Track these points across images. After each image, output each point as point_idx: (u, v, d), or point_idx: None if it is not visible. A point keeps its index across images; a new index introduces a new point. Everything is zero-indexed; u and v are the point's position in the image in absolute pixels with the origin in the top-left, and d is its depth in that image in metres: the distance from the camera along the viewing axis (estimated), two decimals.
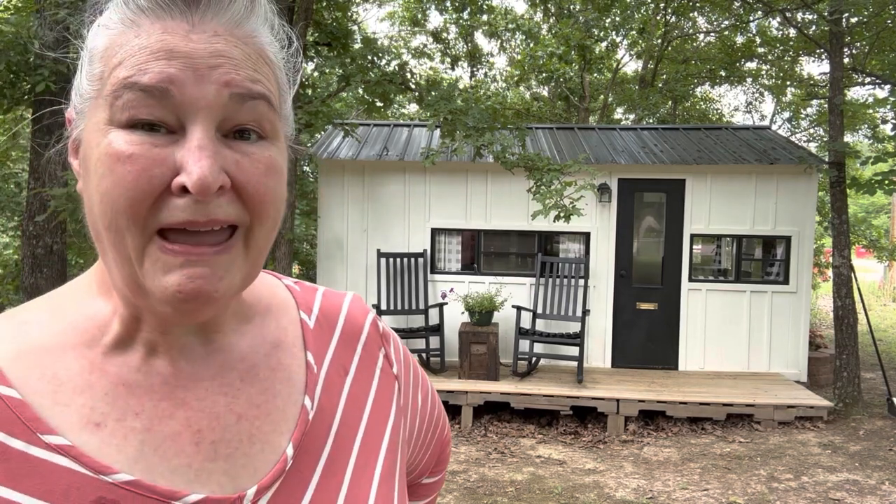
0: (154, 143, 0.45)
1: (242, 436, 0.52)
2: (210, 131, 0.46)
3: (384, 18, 17.04)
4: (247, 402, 0.53)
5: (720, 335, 7.15)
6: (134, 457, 0.47)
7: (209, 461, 0.50)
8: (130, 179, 0.44)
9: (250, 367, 0.55)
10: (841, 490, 4.65)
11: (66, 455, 0.45)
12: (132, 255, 0.46)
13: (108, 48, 0.47)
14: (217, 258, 0.46)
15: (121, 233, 0.45)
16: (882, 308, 15.27)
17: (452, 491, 4.61)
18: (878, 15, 7.32)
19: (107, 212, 0.45)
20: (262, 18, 0.51)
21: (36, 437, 0.45)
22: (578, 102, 14.60)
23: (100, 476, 0.45)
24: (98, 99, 0.47)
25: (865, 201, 25.28)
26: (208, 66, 0.46)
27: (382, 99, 6.94)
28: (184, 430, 0.50)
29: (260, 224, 0.49)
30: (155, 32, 0.46)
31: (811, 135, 15.34)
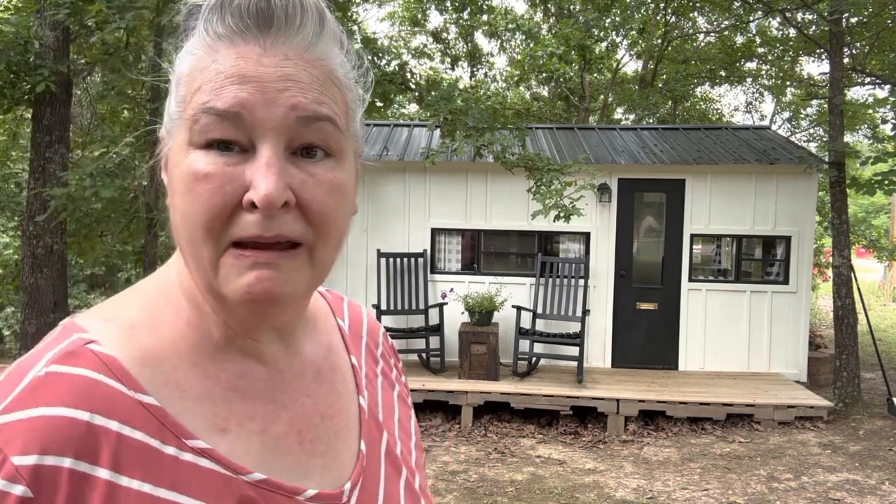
0: (227, 161, 0.48)
1: (329, 434, 0.57)
2: (278, 150, 0.49)
3: (384, 18, 17.04)
4: (324, 403, 0.59)
5: (720, 335, 7.15)
6: (258, 457, 0.51)
7: (311, 458, 0.55)
8: (206, 197, 0.47)
9: (317, 369, 0.60)
10: (841, 490, 4.65)
11: (209, 458, 0.49)
12: (208, 265, 0.49)
13: (190, 73, 0.50)
14: (283, 262, 0.49)
15: (198, 245, 0.49)
16: (882, 308, 15.27)
17: (452, 491, 4.61)
18: (878, 15, 7.33)
19: (186, 226, 0.49)
20: (333, 40, 0.54)
21: (183, 443, 0.48)
22: (578, 102, 14.60)
23: (239, 476, 0.49)
24: (181, 120, 0.50)
25: (865, 201, 25.27)
26: (277, 89, 0.48)
27: (382, 99, 6.94)
28: (289, 430, 0.55)
29: (324, 242, 0.51)
30: (230, 58, 0.48)
31: (811, 135, 15.34)
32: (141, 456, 0.46)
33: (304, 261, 0.51)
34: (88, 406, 0.45)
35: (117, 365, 0.48)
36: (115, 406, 0.46)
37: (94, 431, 0.45)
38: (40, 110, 6.25)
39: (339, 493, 0.55)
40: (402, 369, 0.75)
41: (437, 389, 6.12)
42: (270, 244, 0.49)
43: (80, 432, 0.44)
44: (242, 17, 0.49)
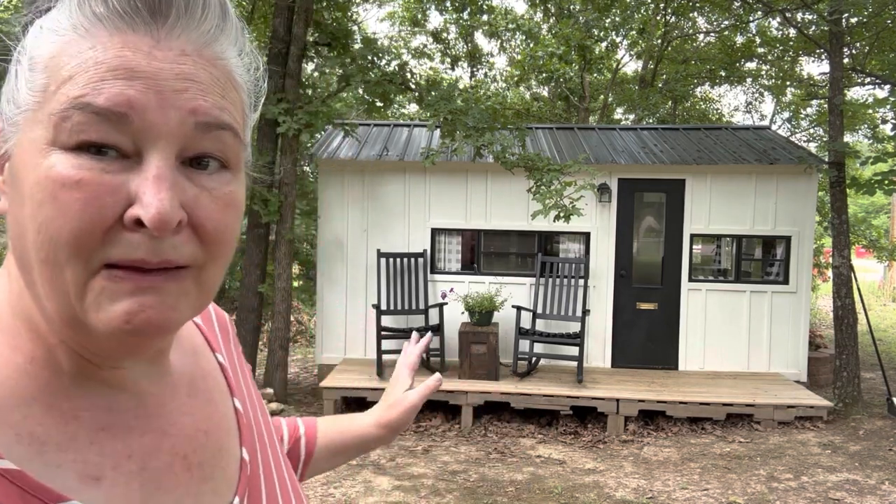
0: (105, 168, 0.40)
1: (214, 451, 0.52)
2: (170, 160, 0.42)
3: (384, 18, 17.04)
4: (203, 416, 0.53)
5: (720, 335, 7.16)
6: (141, 501, 0.45)
7: (201, 483, 0.50)
8: (77, 208, 0.39)
9: (189, 380, 0.54)
10: (841, 490, 4.65)
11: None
12: (71, 290, 0.41)
13: (54, 57, 0.41)
14: (168, 286, 0.42)
15: (59, 266, 0.40)
16: (882, 308, 15.27)
17: (452, 491, 4.61)
18: (877, 15, 7.33)
19: (45, 243, 0.40)
20: (233, 38, 0.46)
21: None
22: (578, 102, 14.60)
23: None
24: (39, 113, 0.41)
25: (865, 201, 25.27)
26: (173, 89, 0.41)
27: (382, 99, 6.94)
28: (173, 459, 0.49)
29: (214, 263, 0.45)
30: (113, 46, 0.40)
31: (811, 135, 15.35)
32: None
33: (191, 284, 0.44)
34: None
35: None
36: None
37: None
38: None
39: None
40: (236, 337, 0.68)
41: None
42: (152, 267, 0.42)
43: None
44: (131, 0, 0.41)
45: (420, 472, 4.96)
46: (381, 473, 4.93)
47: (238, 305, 7.18)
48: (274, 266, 7.00)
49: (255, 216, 6.82)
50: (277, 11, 6.94)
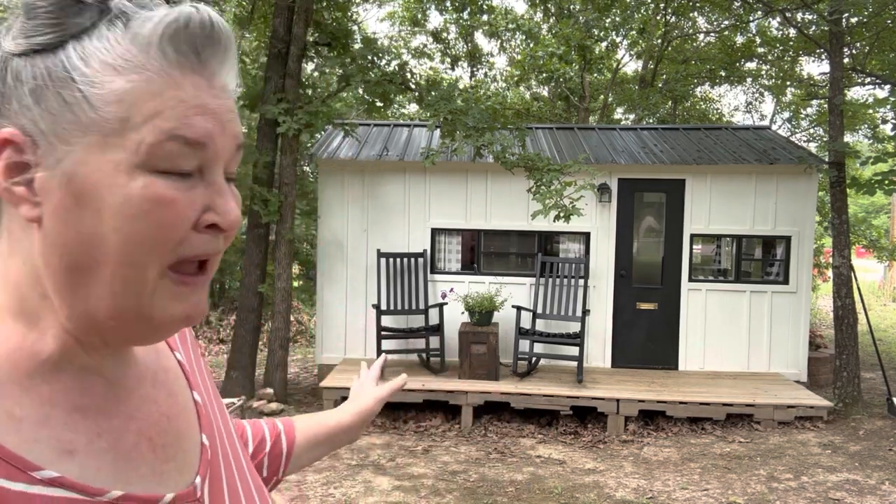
0: (187, 186, 0.49)
1: (176, 435, 0.58)
2: (222, 175, 0.52)
3: (384, 18, 17.04)
4: (166, 405, 0.59)
5: (720, 335, 7.16)
6: (112, 474, 0.51)
7: (164, 463, 0.56)
8: (171, 223, 0.48)
9: (152, 373, 0.60)
10: (841, 490, 4.65)
11: (60, 486, 0.47)
12: (147, 289, 0.49)
13: (131, 92, 0.47)
14: (205, 284, 0.52)
15: (142, 269, 0.48)
16: (882, 308, 15.27)
17: (452, 491, 4.61)
18: (878, 15, 7.33)
19: (131, 252, 0.47)
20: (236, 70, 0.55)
21: (29, 476, 0.46)
22: (578, 102, 14.60)
23: (95, 498, 0.48)
24: (116, 139, 0.47)
25: (865, 201, 25.27)
26: (228, 120, 0.51)
27: (382, 99, 6.94)
28: (139, 440, 0.54)
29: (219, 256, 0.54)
30: (187, 86, 0.48)
31: (811, 135, 15.34)
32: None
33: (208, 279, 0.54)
34: None
35: None
36: None
37: None
38: None
39: (192, 490, 0.56)
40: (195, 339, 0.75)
41: (437, 389, 6.13)
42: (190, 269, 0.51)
43: None
44: (196, 46, 0.49)
45: (420, 472, 4.96)
46: (381, 473, 4.93)
47: (238, 305, 7.18)
48: (274, 266, 7.00)
49: (255, 216, 6.82)
50: (277, 11, 6.94)
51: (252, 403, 6.45)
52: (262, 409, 6.33)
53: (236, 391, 6.54)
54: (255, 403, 6.45)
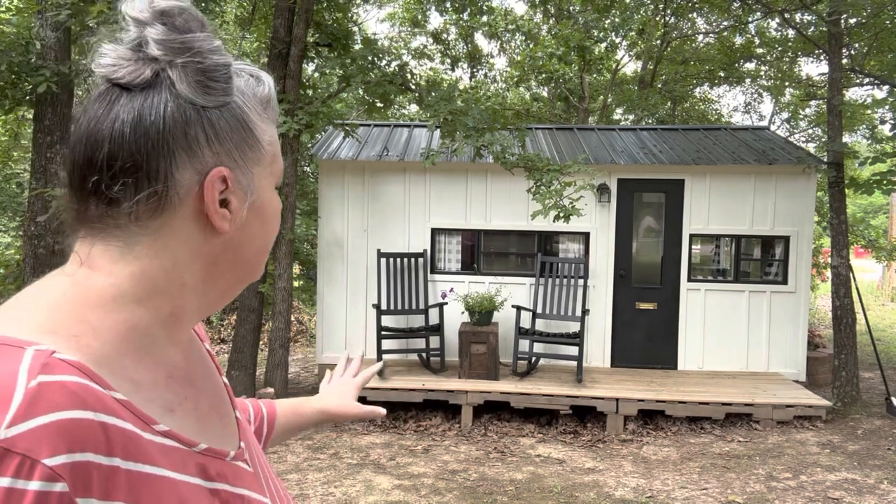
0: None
1: (223, 407, 0.70)
2: None
3: (384, 19, 17.06)
4: (211, 382, 0.71)
5: (719, 335, 7.17)
6: (197, 430, 0.62)
7: (225, 427, 0.68)
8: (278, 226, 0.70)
9: (197, 356, 0.71)
10: (839, 489, 4.67)
11: (170, 437, 0.58)
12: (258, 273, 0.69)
13: (273, 141, 0.69)
14: None
15: (265, 258, 0.69)
16: (880, 308, 15.29)
17: (452, 490, 4.63)
18: (876, 16, 7.35)
19: (268, 242, 0.69)
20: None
21: (152, 428, 0.56)
22: (578, 103, 14.62)
23: (191, 448, 0.60)
24: (267, 169, 0.67)
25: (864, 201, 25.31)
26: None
27: (383, 99, 6.96)
28: (210, 407, 0.67)
29: None
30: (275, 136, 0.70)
31: (810, 135, 15.37)
32: (132, 443, 0.53)
33: None
34: (89, 406, 0.50)
35: (86, 368, 0.53)
36: (105, 403, 0.52)
37: (102, 427, 0.50)
38: (41, 111, 6.28)
39: (242, 451, 0.68)
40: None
41: (437, 389, 6.14)
42: None
43: (93, 430, 0.50)
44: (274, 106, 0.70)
45: (420, 472, 4.98)
46: (381, 473, 4.95)
47: (238, 305, 7.20)
48: (274, 266, 7.01)
49: None
50: (278, 12, 6.96)
51: None
52: None
53: (237, 390, 6.55)
54: None
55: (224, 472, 0.62)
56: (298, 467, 5.03)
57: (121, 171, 0.58)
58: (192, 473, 0.58)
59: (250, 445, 0.72)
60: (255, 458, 0.72)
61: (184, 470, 0.57)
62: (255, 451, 0.73)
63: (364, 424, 6.14)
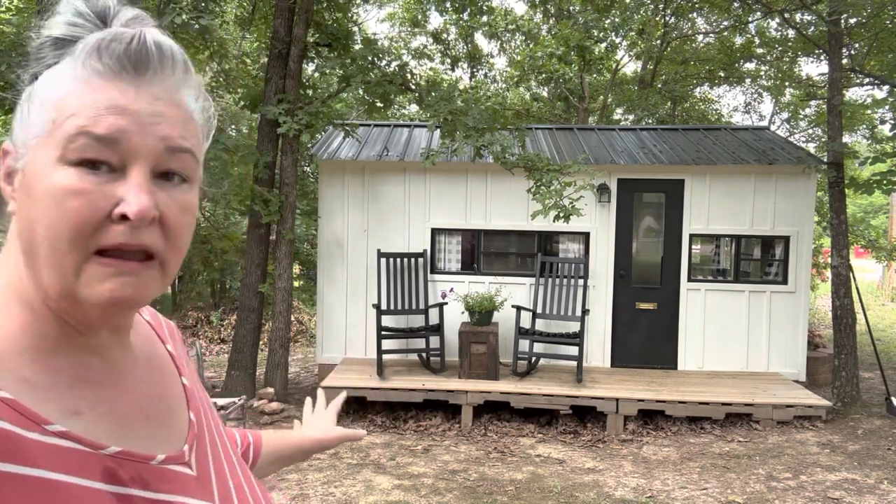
0: (98, 180, 0.55)
1: (166, 411, 0.67)
2: (147, 173, 0.57)
3: (384, 19, 17.06)
4: (158, 386, 0.69)
5: (719, 335, 7.18)
6: (111, 434, 0.59)
7: (156, 431, 0.65)
8: (77, 210, 0.54)
9: (146, 358, 0.69)
10: (839, 489, 4.67)
11: (68, 438, 0.55)
12: (70, 271, 0.55)
13: (61, 99, 0.56)
14: (142, 272, 0.58)
15: (62, 253, 0.55)
16: (880, 308, 15.29)
17: (452, 490, 4.63)
18: (876, 16, 7.35)
19: (52, 236, 0.54)
20: (193, 88, 0.63)
21: (44, 428, 0.54)
22: (578, 103, 14.61)
23: (98, 451, 0.57)
24: (48, 139, 0.55)
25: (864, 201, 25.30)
26: (150, 122, 0.57)
27: (383, 99, 6.96)
28: (133, 410, 0.63)
29: (174, 254, 0.60)
30: (107, 91, 0.56)
31: (810, 135, 15.37)
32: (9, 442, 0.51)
33: (157, 271, 0.59)
34: None
35: None
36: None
37: None
38: None
39: (181, 454, 0.65)
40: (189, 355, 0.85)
41: (437, 389, 6.14)
42: (130, 256, 0.57)
43: None
44: (121, 59, 0.57)
45: (420, 472, 4.98)
46: (381, 473, 4.95)
47: (239, 305, 7.20)
48: (274, 266, 7.01)
49: (256, 216, 6.84)
50: (278, 12, 6.96)
51: (253, 403, 6.46)
52: (262, 409, 6.35)
53: (237, 390, 6.56)
54: (256, 403, 6.47)
55: (144, 476, 0.59)
56: (298, 467, 5.03)
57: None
58: (93, 477, 0.55)
59: (207, 449, 0.69)
60: (210, 462, 0.69)
61: (80, 473, 0.54)
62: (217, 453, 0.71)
63: (364, 425, 6.14)
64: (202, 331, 10.72)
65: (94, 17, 0.60)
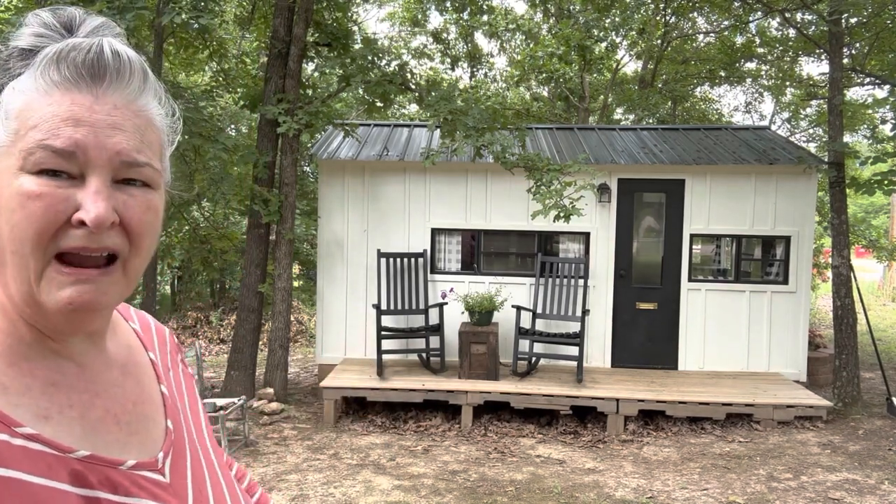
0: (58, 185, 0.56)
1: (140, 417, 0.68)
2: (106, 180, 0.58)
3: (384, 19, 17.05)
4: (133, 392, 0.69)
5: (720, 335, 7.16)
6: (81, 438, 0.60)
7: (128, 436, 0.65)
8: (39, 214, 0.56)
9: (123, 364, 0.70)
10: (840, 489, 4.66)
11: (37, 441, 0.56)
12: (32, 276, 0.57)
13: (23, 110, 0.57)
14: (101, 278, 0.59)
15: (25, 257, 0.56)
16: (881, 308, 15.28)
17: (452, 490, 4.62)
18: (877, 15, 7.34)
19: (15, 239, 0.56)
20: (153, 93, 0.64)
21: (11, 430, 0.55)
22: (578, 103, 14.60)
23: (66, 454, 0.58)
24: (12, 148, 0.57)
25: (865, 201, 25.29)
26: (106, 135, 0.58)
27: (382, 99, 6.95)
28: (105, 415, 0.64)
29: (137, 253, 0.61)
30: (65, 103, 0.57)
31: (810, 135, 15.35)
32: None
33: (119, 275, 0.61)
34: None
35: None
36: None
37: None
38: None
39: (154, 461, 0.65)
40: (186, 362, 0.86)
41: (437, 389, 6.13)
42: (89, 263, 0.58)
43: None
44: (78, 69, 0.58)
45: (420, 472, 4.97)
46: (381, 473, 4.94)
47: (238, 305, 7.19)
48: (274, 266, 7.00)
49: (256, 216, 6.83)
50: (277, 12, 6.95)
51: (252, 403, 6.45)
52: (262, 409, 6.34)
53: (237, 390, 6.55)
54: (256, 403, 6.46)
55: (113, 480, 0.60)
56: (298, 468, 5.02)
57: None
58: (61, 479, 0.56)
59: (186, 458, 0.69)
60: (188, 472, 0.68)
61: (48, 474, 0.55)
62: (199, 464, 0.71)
63: (364, 425, 6.13)
64: (202, 331, 10.72)
65: (60, 28, 0.61)
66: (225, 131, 10.15)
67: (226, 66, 9.24)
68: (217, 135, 6.36)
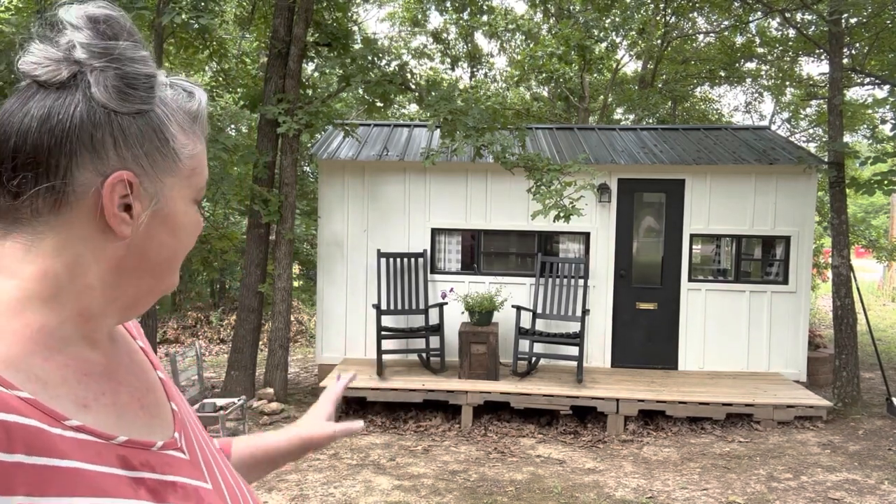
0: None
1: (154, 401, 0.73)
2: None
3: (384, 19, 17.05)
4: (143, 378, 0.73)
5: (720, 335, 7.16)
6: (115, 424, 0.64)
7: (151, 419, 0.70)
8: (194, 240, 0.71)
9: (127, 353, 0.73)
10: (840, 490, 4.66)
11: (83, 431, 0.59)
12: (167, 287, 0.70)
13: (195, 155, 0.69)
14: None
15: (172, 272, 0.70)
16: (881, 308, 15.28)
17: (452, 490, 4.62)
18: (877, 15, 7.34)
19: (177, 255, 0.69)
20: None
21: (63, 423, 0.58)
22: (578, 103, 14.60)
23: (109, 441, 0.61)
24: (187, 181, 0.68)
25: (865, 201, 25.28)
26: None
27: (382, 99, 6.95)
28: (130, 400, 0.68)
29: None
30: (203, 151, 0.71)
31: (810, 135, 15.36)
32: (37, 438, 0.55)
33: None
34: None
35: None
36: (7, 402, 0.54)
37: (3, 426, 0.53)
38: None
39: (174, 441, 0.70)
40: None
41: (437, 389, 6.13)
42: None
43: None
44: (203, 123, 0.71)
45: (420, 472, 4.97)
46: (381, 473, 4.94)
47: (238, 305, 7.19)
48: (274, 266, 7.00)
49: (256, 216, 6.83)
50: (278, 12, 6.95)
51: (252, 403, 6.45)
52: (262, 409, 6.34)
53: (237, 391, 6.55)
54: (256, 403, 6.46)
55: (150, 461, 0.64)
56: (298, 467, 5.02)
57: (22, 164, 0.59)
58: (111, 464, 0.60)
59: (191, 435, 0.75)
60: (196, 448, 0.74)
61: (100, 461, 0.59)
62: (199, 440, 0.77)
63: (364, 425, 6.13)
64: (202, 331, 10.71)
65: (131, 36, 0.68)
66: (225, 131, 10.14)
67: (226, 66, 9.24)
68: (217, 135, 6.36)
